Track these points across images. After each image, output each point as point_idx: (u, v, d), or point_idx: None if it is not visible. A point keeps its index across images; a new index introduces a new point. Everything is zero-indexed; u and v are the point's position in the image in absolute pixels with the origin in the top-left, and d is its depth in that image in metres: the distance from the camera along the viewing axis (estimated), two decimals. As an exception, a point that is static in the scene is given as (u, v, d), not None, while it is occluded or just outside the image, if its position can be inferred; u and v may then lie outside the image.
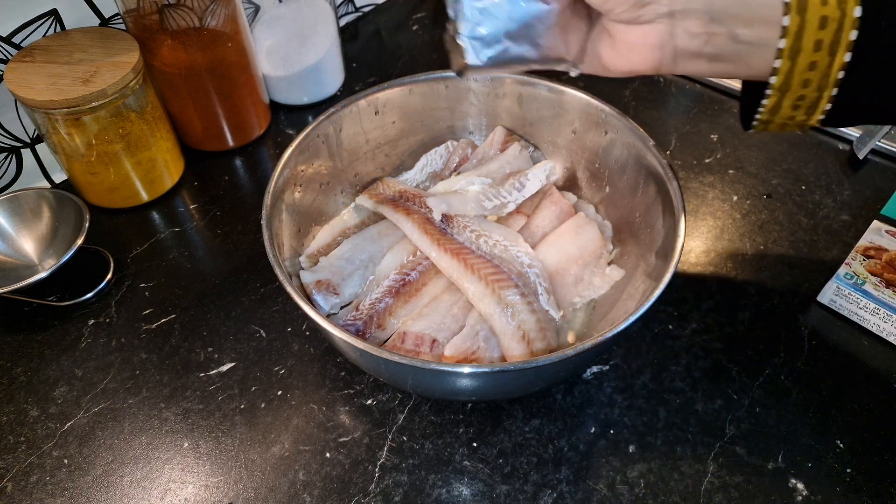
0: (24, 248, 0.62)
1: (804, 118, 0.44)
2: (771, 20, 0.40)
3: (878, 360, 0.55)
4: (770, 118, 0.45)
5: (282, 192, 0.53)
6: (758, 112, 0.45)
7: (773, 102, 0.43)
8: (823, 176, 0.70)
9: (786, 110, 0.44)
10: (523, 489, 0.48)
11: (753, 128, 0.46)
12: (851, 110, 0.43)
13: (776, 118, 0.45)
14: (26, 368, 0.56)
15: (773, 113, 0.44)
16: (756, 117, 0.45)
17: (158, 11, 0.61)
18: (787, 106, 0.43)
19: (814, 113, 0.43)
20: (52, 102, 0.56)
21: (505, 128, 0.64)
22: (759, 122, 0.46)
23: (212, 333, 0.58)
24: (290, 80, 0.77)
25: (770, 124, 0.46)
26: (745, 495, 0.48)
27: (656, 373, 0.55)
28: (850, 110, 0.43)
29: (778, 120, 0.45)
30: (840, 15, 0.39)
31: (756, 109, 0.45)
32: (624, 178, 0.57)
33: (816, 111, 0.43)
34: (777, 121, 0.45)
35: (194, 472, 0.50)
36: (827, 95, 0.42)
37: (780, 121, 0.45)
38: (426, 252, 0.54)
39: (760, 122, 0.46)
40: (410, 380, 0.46)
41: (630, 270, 0.55)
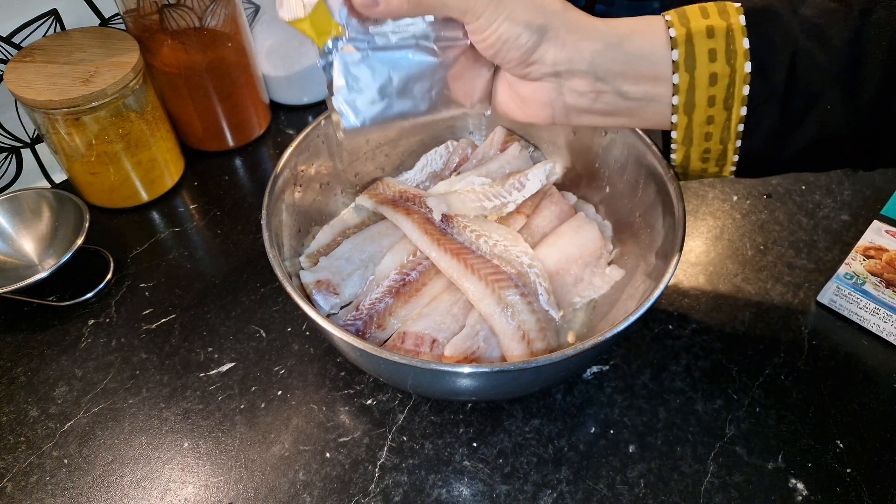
0: (24, 248, 0.62)
1: (716, 170, 0.44)
2: (656, 76, 0.40)
3: (878, 360, 0.55)
4: (684, 170, 0.46)
5: (282, 192, 0.53)
6: (671, 164, 0.45)
7: (681, 156, 0.44)
8: (823, 176, 0.70)
9: (696, 163, 0.44)
10: (523, 489, 0.48)
11: (678, 176, 0.47)
12: (762, 162, 0.43)
13: (690, 170, 0.45)
14: (26, 368, 0.56)
15: (684, 166, 0.45)
16: (672, 167, 0.46)
17: (158, 11, 0.61)
18: (695, 158, 0.44)
19: (724, 165, 0.44)
20: (52, 102, 0.56)
21: (505, 128, 0.64)
22: (676, 169, 0.47)
23: (212, 333, 0.58)
24: (290, 80, 0.77)
25: (688, 175, 0.47)
26: (745, 495, 0.48)
27: (656, 373, 0.55)
28: (761, 162, 0.43)
29: (692, 173, 0.46)
30: (730, 71, 0.39)
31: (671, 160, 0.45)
32: (624, 178, 0.57)
33: (726, 163, 0.43)
34: (692, 173, 0.46)
35: (194, 472, 0.50)
36: (732, 147, 0.42)
37: (695, 173, 0.46)
38: (426, 252, 0.54)
39: (678, 171, 0.47)
40: (410, 380, 0.46)
41: (630, 270, 0.55)
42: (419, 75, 0.43)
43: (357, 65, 0.41)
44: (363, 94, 0.42)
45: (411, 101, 0.44)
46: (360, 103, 0.42)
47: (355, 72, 0.41)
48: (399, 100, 0.43)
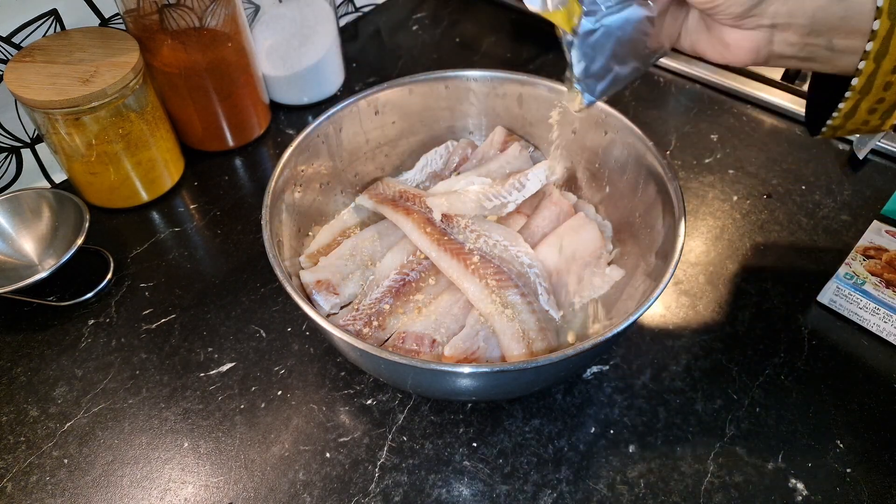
0: (24, 248, 0.62)
1: (878, 123, 0.44)
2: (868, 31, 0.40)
3: (878, 360, 0.55)
4: (843, 123, 0.45)
5: (282, 192, 0.53)
6: (831, 117, 0.45)
7: (849, 106, 0.43)
8: (823, 176, 0.70)
9: (861, 114, 0.44)
10: (523, 489, 0.48)
11: (822, 134, 0.47)
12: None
13: (849, 123, 0.45)
14: (26, 368, 0.56)
15: (847, 117, 0.44)
16: (828, 122, 0.45)
17: (158, 11, 0.61)
18: (864, 109, 0.43)
19: (889, 118, 0.43)
20: (52, 102, 0.56)
21: (505, 128, 0.64)
22: (829, 127, 0.46)
23: (212, 333, 0.58)
24: (290, 80, 0.77)
25: (840, 129, 0.46)
26: (745, 495, 0.48)
27: (656, 373, 0.55)
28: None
29: (850, 125, 0.45)
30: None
31: (828, 114, 0.45)
32: (624, 178, 0.57)
33: (892, 116, 0.43)
34: (849, 126, 0.45)
35: (194, 472, 0.50)
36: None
37: (853, 126, 0.45)
38: (426, 252, 0.54)
39: (830, 128, 0.46)
40: (410, 380, 0.46)
41: (630, 270, 0.55)
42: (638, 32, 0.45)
43: (592, 39, 0.43)
44: (597, 69, 0.45)
45: (631, 64, 0.46)
46: (594, 79, 0.46)
47: (591, 48, 0.44)
48: (621, 66, 0.46)
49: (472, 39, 0.90)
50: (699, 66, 0.82)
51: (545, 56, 0.87)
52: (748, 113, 0.78)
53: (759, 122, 0.77)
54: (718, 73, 0.81)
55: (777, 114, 0.77)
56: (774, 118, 0.77)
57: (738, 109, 0.78)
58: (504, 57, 0.87)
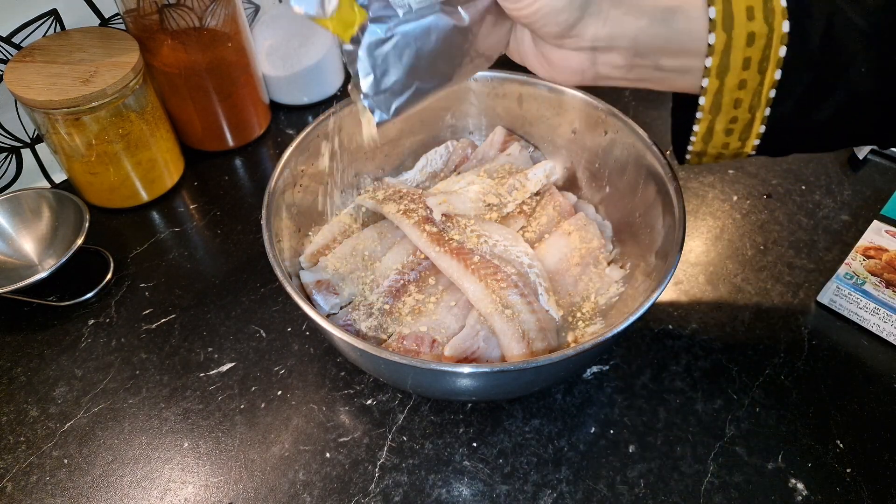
0: (24, 248, 0.62)
1: (739, 145, 0.43)
2: (698, 51, 0.39)
3: (878, 360, 0.55)
4: (703, 147, 0.43)
5: (282, 192, 0.53)
6: (690, 142, 0.43)
7: (704, 128, 0.42)
8: (823, 176, 0.70)
9: (719, 136, 0.42)
10: (523, 489, 0.48)
11: (688, 161, 0.45)
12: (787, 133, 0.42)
13: (710, 146, 0.43)
14: (26, 368, 0.56)
15: (705, 140, 0.43)
16: (689, 148, 0.44)
17: (158, 11, 0.61)
18: (719, 130, 0.42)
19: (748, 137, 0.42)
20: (52, 102, 0.56)
21: (505, 128, 0.64)
22: (692, 153, 0.44)
23: (212, 333, 0.58)
24: (290, 80, 0.77)
25: (704, 155, 0.44)
26: (745, 495, 0.48)
27: (656, 373, 0.55)
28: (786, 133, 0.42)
29: (712, 149, 0.43)
30: (768, 30, 0.37)
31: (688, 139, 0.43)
32: (624, 178, 0.57)
33: (751, 135, 0.42)
34: (710, 150, 0.44)
35: (194, 472, 0.50)
36: (760, 116, 0.40)
37: (715, 150, 0.43)
38: (426, 252, 0.54)
39: (694, 154, 0.44)
40: (410, 380, 0.46)
41: (630, 270, 0.55)
42: (444, 43, 0.40)
43: (383, 50, 0.38)
44: (392, 83, 0.40)
45: (438, 75, 0.42)
46: (389, 94, 0.40)
47: (381, 59, 0.38)
48: (427, 77, 0.41)
49: (472, 39, 0.90)
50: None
51: (545, 56, 0.87)
52: (748, 113, 0.78)
53: (759, 122, 0.77)
54: (718, 73, 0.81)
55: (777, 114, 0.77)
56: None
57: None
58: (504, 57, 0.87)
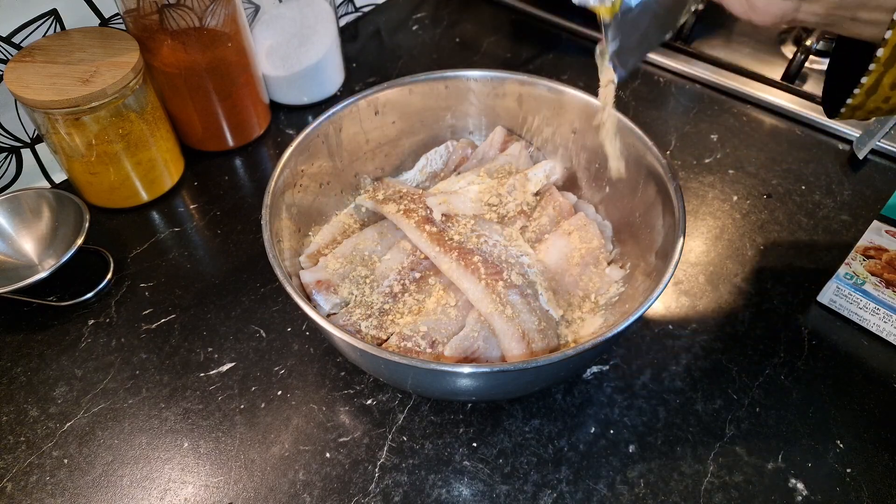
0: (24, 248, 0.62)
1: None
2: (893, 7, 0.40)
3: (878, 360, 0.55)
4: (863, 100, 0.45)
5: (282, 192, 0.53)
6: (851, 95, 0.44)
7: (872, 80, 0.43)
8: (823, 176, 0.70)
9: (884, 90, 0.43)
10: (523, 489, 0.48)
11: (840, 115, 0.46)
12: None
13: (870, 100, 0.44)
14: (26, 368, 0.56)
15: (869, 93, 0.44)
16: (847, 102, 0.45)
17: (158, 11, 0.61)
18: (886, 84, 0.43)
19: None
20: (52, 102, 0.56)
21: (505, 128, 0.64)
22: (848, 107, 0.45)
23: (212, 333, 0.58)
24: (290, 80, 0.77)
25: (860, 109, 0.45)
26: (745, 495, 0.48)
27: (656, 373, 0.55)
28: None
29: (871, 103, 0.45)
30: None
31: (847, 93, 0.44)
32: (624, 178, 0.57)
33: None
34: (870, 104, 0.45)
35: (194, 472, 0.50)
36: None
37: (874, 104, 0.45)
38: (426, 252, 0.54)
39: (850, 108, 0.45)
40: (410, 380, 0.46)
41: (630, 270, 0.55)
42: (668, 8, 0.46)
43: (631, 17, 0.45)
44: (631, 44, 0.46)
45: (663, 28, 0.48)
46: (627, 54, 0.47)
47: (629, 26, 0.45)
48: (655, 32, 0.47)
49: (472, 39, 0.90)
50: (699, 66, 0.82)
51: (545, 56, 0.87)
52: (748, 113, 0.78)
53: (759, 122, 0.77)
54: (718, 73, 0.81)
55: (777, 114, 0.77)
56: (774, 118, 0.77)
57: (738, 109, 0.78)
58: (504, 57, 0.87)
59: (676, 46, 0.84)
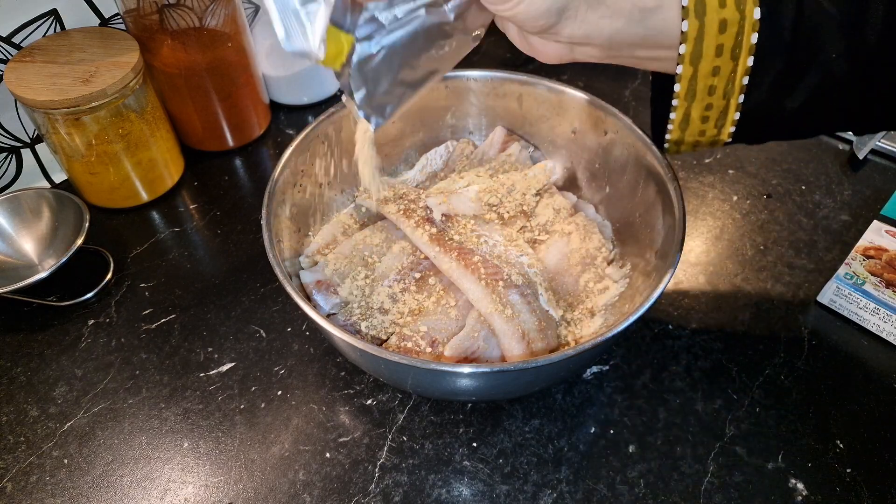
0: (24, 248, 0.62)
1: (715, 132, 0.43)
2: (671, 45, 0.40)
3: (878, 360, 0.55)
4: (681, 135, 0.44)
5: (282, 192, 0.53)
6: (668, 130, 0.44)
7: (681, 115, 0.43)
8: (823, 176, 0.70)
9: (695, 123, 0.43)
10: (523, 489, 0.48)
11: (666, 150, 0.46)
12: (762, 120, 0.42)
13: (686, 134, 0.44)
14: (26, 368, 0.56)
15: (682, 128, 0.44)
16: (667, 136, 0.45)
17: (158, 11, 0.61)
18: (695, 118, 0.42)
19: (724, 125, 0.42)
20: (52, 102, 0.56)
21: (505, 128, 0.64)
22: (670, 141, 0.45)
23: (212, 333, 0.58)
24: (290, 80, 0.77)
25: (682, 143, 0.45)
26: (745, 495, 0.48)
27: (656, 373, 0.55)
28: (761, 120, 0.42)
29: (689, 137, 0.44)
30: (739, 17, 0.38)
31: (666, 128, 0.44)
32: (624, 178, 0.57)
33: (726, 122, 0.42)
34: (688, 137, 0.44)
35: (194, 472, 0.50)
36: (734, 103, 0.41)
37: (692, 137, 0.44)
38: (426, 252, 0.54)
39: (672, 143, 0.45)
40: (410, 380, 0.46)
41: (630, 270, 0.55)
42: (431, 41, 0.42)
43: (372, 64, 0.40)
44: (384, 91, 0.41)
45: (428, 69, 0.43)
46: (382, 101, 0.42)
47: (373, 73, 0.40)
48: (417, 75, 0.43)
49: (472, 39, 0.90)
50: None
51: (545, 56, 0.87)
52: (748, 113, 0.78)
53: (759, 122, 0.77)
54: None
55: (777, 114, 0.77)
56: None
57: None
58: (504, 57, 0.87)
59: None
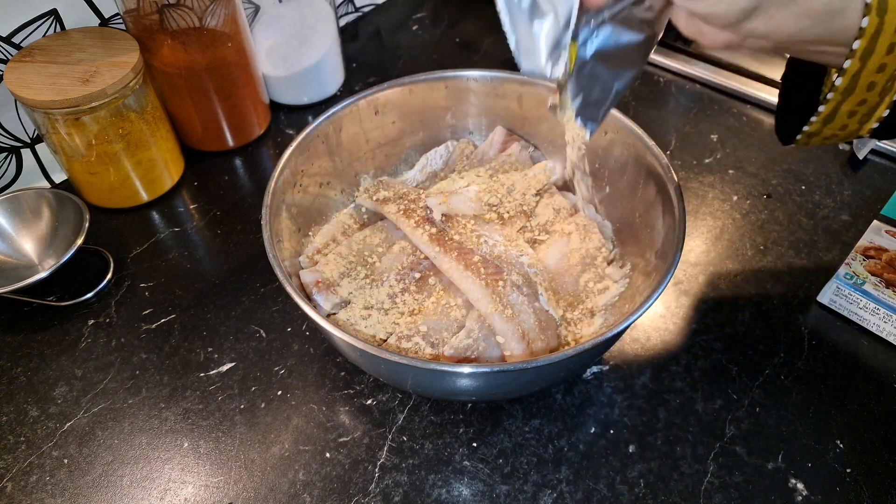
0: (24, 248, 0.62)
1: (856, 127, 0.43)
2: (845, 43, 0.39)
3: (878, 360, 0.55)
4: (820, 128, 0.44)
5: (282, 192, 0.53)
6: (808, 122, 0.44)
7: (830, 108, 0.43)
8: (823, 176, 0.70)
9: (841, 118, 0.43)
10: (523, 489, 0.48)
11: (796, 142, 0.46)
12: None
13: (826, 128, 0.44)
14: (26, 368, 0.56)
15: (826, 121, 0.43)
16: (804, 129, 0.44)
17: (158, 11, 0.61)
18: (844, 112, 0.42)
19: (868, 121, 0.43)
20: (52, 102, 0.56)
21: (505, 128, 0.64)
22: (804, 134, 0.45)
23: (212, 333, 0.58)
24: (290, 80, 0.77)
25: (816, 136, 0.45)
26: (745, 495, 0.48)
27: (656, 373, 0.55)
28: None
29: (827, 130, 0.44)
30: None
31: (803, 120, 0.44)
32: (624, 178, 0.57)
33: (871, 119, 0.42)
34: (826, 131, 0.44)
35: (194, 472, 0.50)
36: (888, 100, 0.41)
37: (830, 131, 0.44)
38: (426, 252, 0.54)
39: (806, 135, 0.45)
40: (410, 380, 0.46)
41: (630, 270, 0.55)
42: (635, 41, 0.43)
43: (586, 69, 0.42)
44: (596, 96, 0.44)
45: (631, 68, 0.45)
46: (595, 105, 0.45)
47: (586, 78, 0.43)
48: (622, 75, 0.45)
49: (472, 39, 0.90)
50: (699, 66, 0.82)
51: (545, 56, 0.87)
52: (748, 113, 0.78)
53: (759, 122, 0.77)
54: (718, 73, 0.81)
55: (777, 114, 0.77)
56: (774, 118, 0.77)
57: (738, 109, 0.78)
58: (504, 57, 0.87)
59: (676, 46, 0.84)
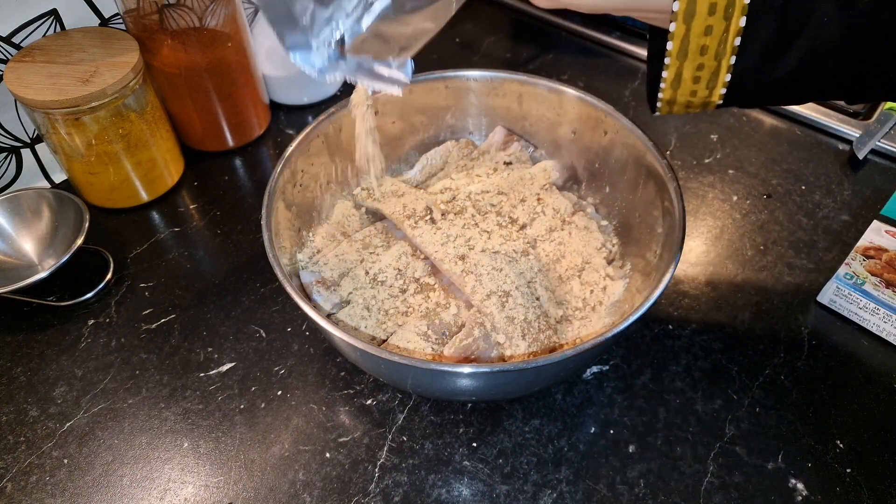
0: (24, 248, 0.62)
1: (706, 93, 0.44)
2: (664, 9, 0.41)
3: (878, 360, 0.55)
4: (672, 95, 0.45)
5: (282, 192, 0.53)
6: (660, 89, 0.44)
7: (673, 73, 0.43)
8: (823, 176, 0.70)
9: (686, 83, 0.43)
10: (523, 489, 0.48)
11: (658, 109, 0.46)
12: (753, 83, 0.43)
13: (678, 93, 0.44)
14: (26, 368, 0.56)
15: (674, 87, 0.44)
16: (659, 96, 0.45)
17: (158, 11, 0.61)
18: (687, 77, 0.43)
19: (715, 86, 0.43)
20: (52, 102, 0.56)
21: (505, 128, 0.64)
22: (662, 100, 0.45)
23: (212, 333, 0.58)
24: (290, 80, 0.77)
25: (674, 104, 0.45)
26: (745, 495, 0.48)
27: (656, 373, 0.55)
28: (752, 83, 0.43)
29: (681, 97, 0.45)
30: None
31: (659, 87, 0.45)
32: (624, 178, 0.57)
33: (717, 84, 0.43)
34: (680, 98, 0.45)
35: (194, 472, 0.50)
36: (726, 65, 0.41)
37: (684, 97, 0.45)
38: (426, 252, 0.54)
39: (664, 102, 0.46)
40: (410, 380, 0.46)
41: (630, 270, 0.55)
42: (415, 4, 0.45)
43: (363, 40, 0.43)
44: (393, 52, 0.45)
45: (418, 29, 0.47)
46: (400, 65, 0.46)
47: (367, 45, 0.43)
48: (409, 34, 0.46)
49: (472, 39, 0.90)
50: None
51: (545, 56, 0.87)
52: (748, 113, 0.78)
53: (759, 122, 0.77)
54: (718, 73, 0.81)
55: (777, 114, 0.77)
56: (774, 118, 0.77)
57: (737, 109, 0.78)
58: (504, 57, 0.87)
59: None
